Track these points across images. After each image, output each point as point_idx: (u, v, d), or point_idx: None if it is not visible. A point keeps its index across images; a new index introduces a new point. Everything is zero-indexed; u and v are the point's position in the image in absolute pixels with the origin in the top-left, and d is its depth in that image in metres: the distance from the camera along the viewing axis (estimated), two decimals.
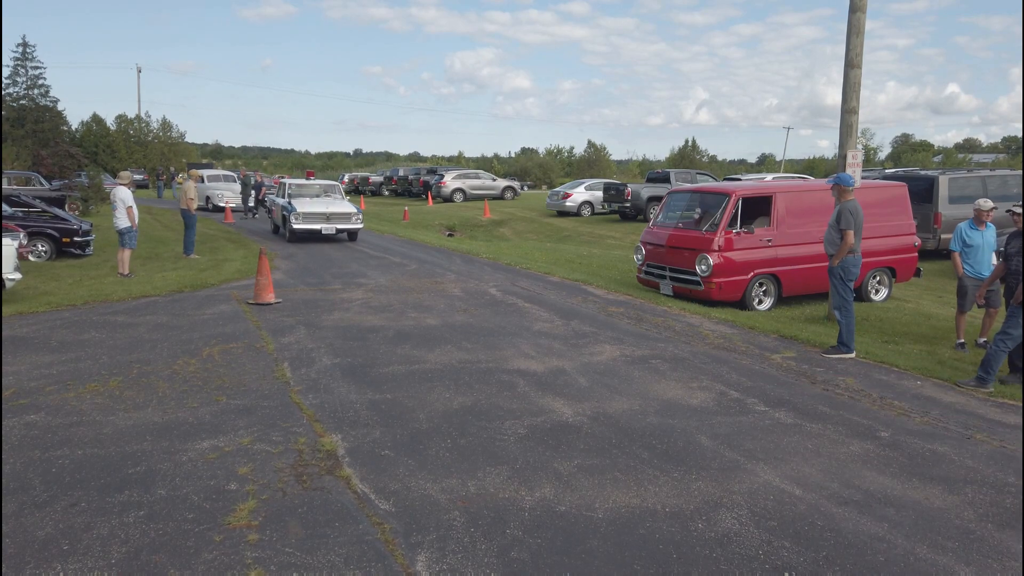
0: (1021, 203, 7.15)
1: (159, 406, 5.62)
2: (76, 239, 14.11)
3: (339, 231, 17.47)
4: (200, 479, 4.35)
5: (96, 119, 57.31)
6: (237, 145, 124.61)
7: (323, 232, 17.22)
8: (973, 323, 8.98)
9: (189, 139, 66.37)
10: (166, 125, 59.29)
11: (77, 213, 21.97)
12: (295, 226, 16.90)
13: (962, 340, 8.35)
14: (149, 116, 62.50)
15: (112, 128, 57.39)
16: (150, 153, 55.88)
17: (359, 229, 17.90)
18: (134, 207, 12.05)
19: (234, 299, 10.10)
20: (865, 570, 3.53)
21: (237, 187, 28.63)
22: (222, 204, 27.58)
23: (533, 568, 3.48)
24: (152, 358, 6.96)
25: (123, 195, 12.07)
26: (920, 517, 4.09)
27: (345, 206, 17.87)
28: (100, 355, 7.02)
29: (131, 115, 58.65)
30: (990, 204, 8.25)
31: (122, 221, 11.97)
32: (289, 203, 17.57)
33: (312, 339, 7.85)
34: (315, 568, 3.43)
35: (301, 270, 13.11)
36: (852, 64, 9.11)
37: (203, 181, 29.24)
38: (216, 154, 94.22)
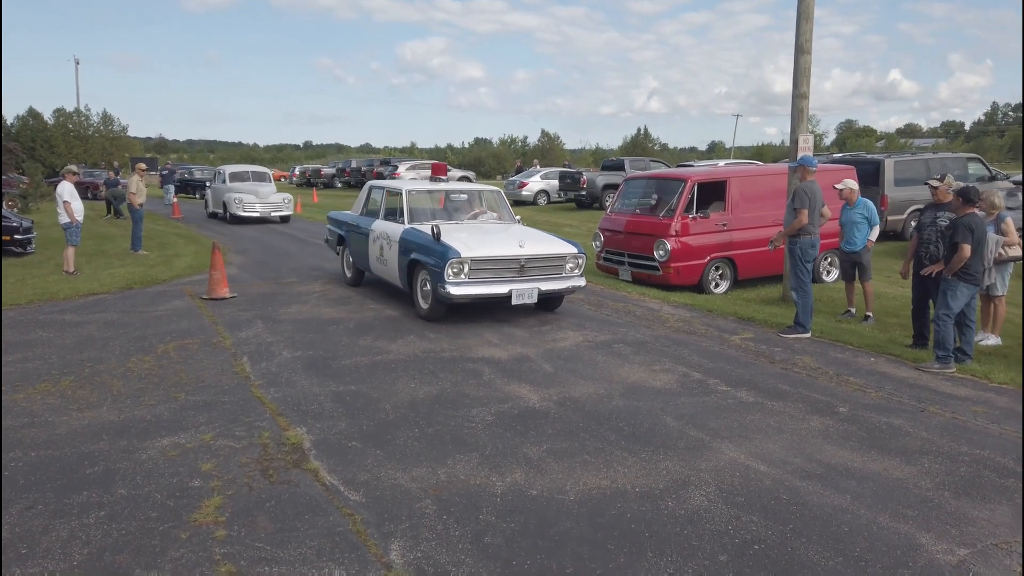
0: (937, 177, 7.40)
1: (114, 405, 5.45)
2: (16, 236, 13.58)
3: (545, 294, 8.24)
4: (162, 477, 4.24)
5: (33, 113, 55.14)
6: (182, 139, 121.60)
7: (513, 297, 7.92)
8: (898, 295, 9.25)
9: (132, 133, 64.24)
10: (107, 119, 57.37)
11: (16, 211, 21.15)
12: (455, 291, 7.71)
13: (849, 309, 9.04)
14: (89, 109, 60.16)
15: (50, 122, 55.30)
16: (91, 148, 54.02)
17: (577, 289, 8.59)
18: (72, 202, 11.60)
19: (187, 295, 9.85)
20: (831, 540, 3.62)
21: (269, 188, 21.33)
22: (242, 213, 20.15)
23: (507, 552, 3.48)
24: (104, 356, 6.74)
25: (60, 190, 11.68)
26: (880, 488, 4.21)
27: (549, 243, 8.60)
28: (49, 355, 6.78)
29: (70, 109, 56.60)
30: (852, 184, 8.86)
31: (63, 217, 11.58)
32: (435, 236, 8.00)
33: (271, 333, 7.70)
34: (287, 561, 3.37)
35: (256, 264, 12.85)
36: (802, 50, 9.27)
37: (172, 174, 27.62)
38: (160, 148, 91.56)
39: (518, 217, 9.72)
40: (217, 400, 5.57)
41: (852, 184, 8.85)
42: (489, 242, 8.21)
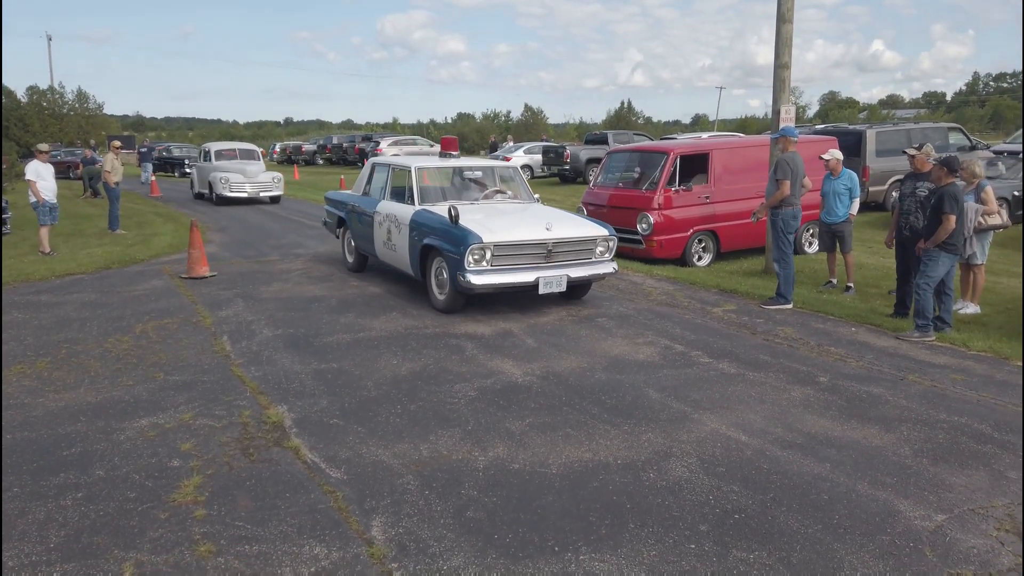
0: (915, 146, 7.42)
1: (92, 386, 5.38)
2: None
3: (575, 281, 7.50)
4: (140, 457, 4.20)
5: (5, 91, 53.97)
6: (160, 116, 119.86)
7: (541, 286, 7.16)
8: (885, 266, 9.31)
9: (108, 111, 63.05)
10: (82, 96, 56.28)
11: None
12: (476, 280, 6.96)
13: (831, 279, 9.05)
14: (63, 87, 59.07)
15: (23, 101, 54.16)
16: (66, 126, 53.05)
17: (608, 275, 7.90)
18: (38, 181, 11.36)
19: (166, 274, 9.73)
20: (810, 508, 3.64)
21: (258, 166, 19.84)
22: (229, 194, 18.70)
23: (490, 526, 3.48)
24: (81, 337, 6.66)
25: (27, 168, 11.49)
26: (860, 456, 4.24)
27: (578, 225, 7.75)
28: (24, 336, 6.67)
29: (43, 86, 55.47)
30: (838, 155, 8.78)
31: (32, 196, 11.39)
32: (452, 218, 7.11)
33: (251, 311, 7.63)
34: (267, 539, 3.35)
35: (236, 242, 12.71)
36: (784, 19, 9.20)
37: (151, 152, 26.93)
38: (138, 126, 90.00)
39: (536, 195, 8.93)
40: (197, 380, 5.52)
41: (838, 154, 8.82)
42: (512, 224, 7.44)
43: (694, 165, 10.89)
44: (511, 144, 31.87)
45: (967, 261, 7.54)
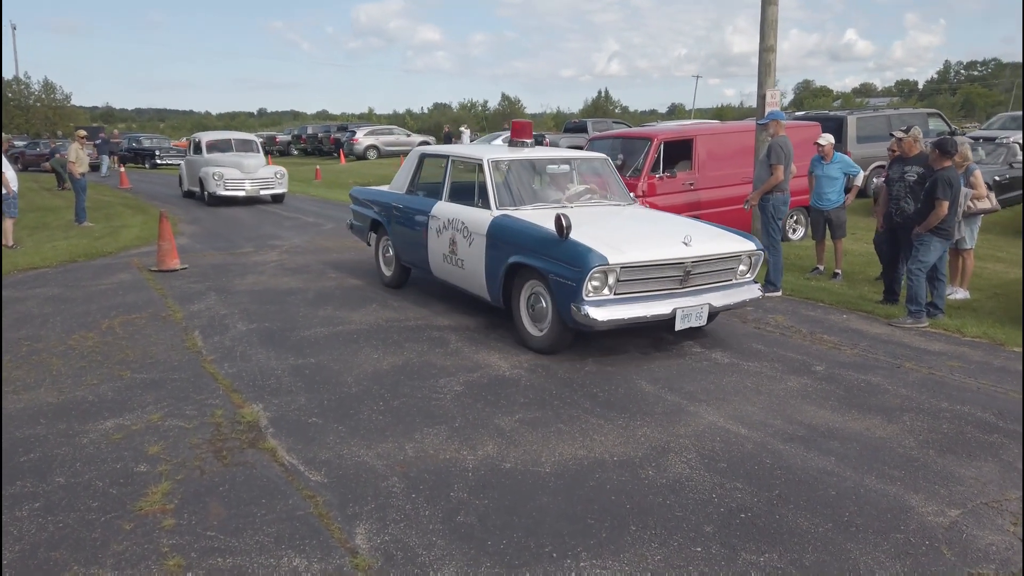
0: (903, 129, 7.29)
1: (53, 385, 5.07)
2: None
3: (716, 311, 5.85)
4: (104, 462, 3.92)
5: None
6: (130, 107, 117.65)
7: (678, 320, 5.55)
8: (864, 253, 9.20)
9: (76, 102, 61.59)
10: (49, 87, 54.91)
11: None
12: (598, 314, 5.23)
13: (818, 266, 8.88)
14: (29, 78, 57.52)
15: None
16: (32, 118, 51.76)
17: (753, 301, 6.18)
18: (6, 172, 10.92)
19: (135, 267, 9.36)
20: (819, 505, 3.47)
21: (257, 160, 17.02)
22: (223, 192, 15.96)
23: (482, 531, 3.26)
24: (44, 334, 6.32)
25: None
26: (864, 448, 4.08)
27: (719, 237, 6.17)
28: None
29: (8, 77, 54.01)
30: (829, 139, 8.58)
31: (3, 188, 10.92)
32: (561, 229, 5.35)
33: (224, 305, 7.32)
34: (242, 551, 3.10)
35: (208, 234, 12.33)
36: (769, 0, 9.02)
37: (107, 143, 26.17)
38: (107, 117, 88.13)
39: (632, 195, 7.37)
40: (166, 377, 5.23)
41: (831, 139, 8.65)
42: (637, 238, 5.73)
43: (678, 151, 10.69)
44: (467, 135, 31.22)
45: (956, 246, 7.43)
